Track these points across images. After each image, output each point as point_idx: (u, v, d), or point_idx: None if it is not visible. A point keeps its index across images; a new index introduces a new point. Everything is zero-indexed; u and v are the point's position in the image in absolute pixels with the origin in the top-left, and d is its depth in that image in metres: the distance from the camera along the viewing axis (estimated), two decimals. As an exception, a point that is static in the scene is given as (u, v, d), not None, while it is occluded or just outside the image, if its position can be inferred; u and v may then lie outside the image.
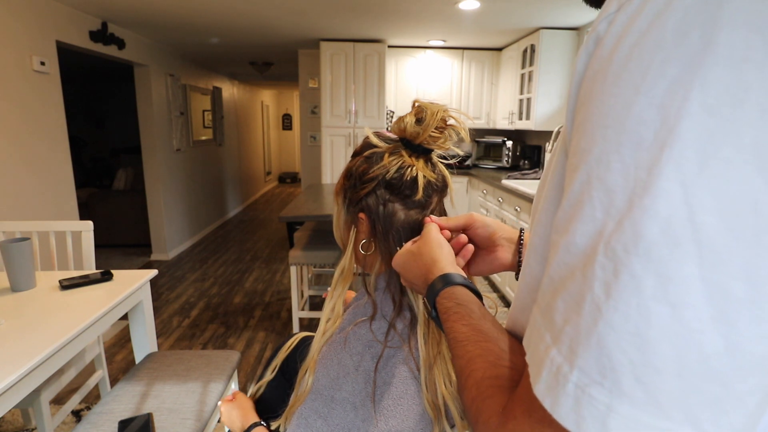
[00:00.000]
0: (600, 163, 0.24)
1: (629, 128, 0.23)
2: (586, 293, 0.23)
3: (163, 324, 2.81)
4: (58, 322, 1.14)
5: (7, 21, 2.29)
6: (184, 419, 1.22)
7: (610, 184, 0.23)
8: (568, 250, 0.25)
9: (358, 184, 0.67)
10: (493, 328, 0.40)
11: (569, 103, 0.29)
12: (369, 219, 0.67)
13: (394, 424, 0.60)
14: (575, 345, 0.23)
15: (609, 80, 0.24)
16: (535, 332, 0.27)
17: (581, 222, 0.24)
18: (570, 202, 0.26)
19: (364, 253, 0.69)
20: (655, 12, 0.23)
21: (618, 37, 0.24)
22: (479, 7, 2.79)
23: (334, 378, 0.62)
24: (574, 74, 0.28)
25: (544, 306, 0.27)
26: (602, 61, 0.25)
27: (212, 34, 3.62)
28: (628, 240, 0.21)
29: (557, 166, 0.31)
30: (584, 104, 0.26)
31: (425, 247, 0.58)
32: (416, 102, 0.64)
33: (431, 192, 0.68)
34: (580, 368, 0.22)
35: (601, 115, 0.24)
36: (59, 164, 2.71)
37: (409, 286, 0.60)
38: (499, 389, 0.32)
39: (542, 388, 0.24)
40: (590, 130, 0.25)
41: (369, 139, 0.69)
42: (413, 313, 0.65)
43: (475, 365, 0.36)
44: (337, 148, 4.03)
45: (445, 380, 0.61)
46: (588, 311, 0.22)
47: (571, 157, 0.27)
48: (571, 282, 0.24)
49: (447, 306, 0.47)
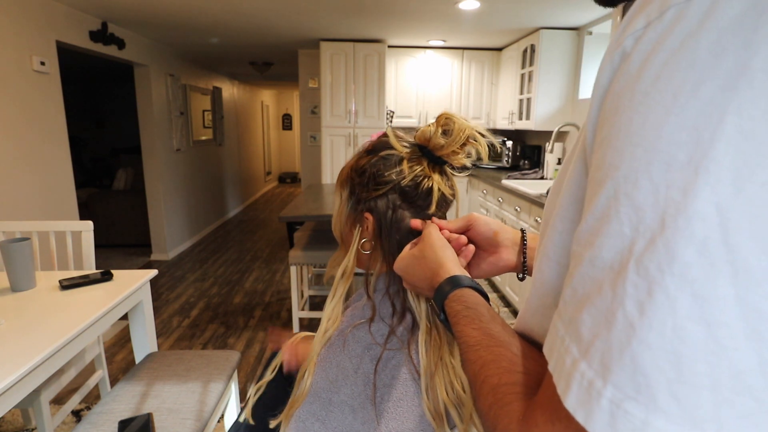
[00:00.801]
0: (628, 180, 0.24)
1: (660, 148, 0.23)
2: (616, 309, 0.23)
3: (163, 324, 2.81)
4: (58, 322, 1.14)
5: (7, 21, 2.30)
6: (184, 419, 1.22)
7: (638, 202, 0.23)
8: (593, 263, 0.26)
9: (371, 184, 0.66)
10: (503, 332, 0.41)
11: (591, 115, 0.29)
12: (375, 220, 0.66)
13: (394, 426, 0.60)
14: (607, 361, 0.23)
15: (637, 98, 0.24)
16: (558, 342, 0.27)
17: (607, 236, 0.25)
18: (595, 215, 0.26)
19: (364, 252, 0.68)
20: (688, 32, 0.23)
21: (646, 54, 0.25)
22: (479, 7, 2.79)
23: (333, 381, 0.62)
24: (597, 87, 0.28)
25: (567, 317, 0.27)
26: (629, 77, 0.25)
27: (212, 34, 3.62)
28: (662, 260, 0.22)
29: (574, 175, 0.32)
30: (609, 119, 0.26)
31: (428, 249, 0.57)
32: (444, 113, 0.63)
33: (443, 206, 0.67)
34: (614, 384, 0.23)
35: (629, 133, 0.24)
36: (59, 164, 2.71)
37: (413, 289, 0.60)
38: (517, 396, 0.33)
39: (573, 401, 0.25)
40: (617, 146, 0.25)
41: (387, 139, 0.68)
42: (414, 318, 0.65)
43: (489, 371, 0.37)
44: (337, 148, 4.03)
45: (446, 387, 0.60)
46: (620, 328, 0.23)
47: (595, 170, 0.27)
48: (598, 296, 0.25)
49: (456, 309, 0.47)
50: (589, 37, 3.21)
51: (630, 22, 0.27)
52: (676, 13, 0.23)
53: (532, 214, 2.57)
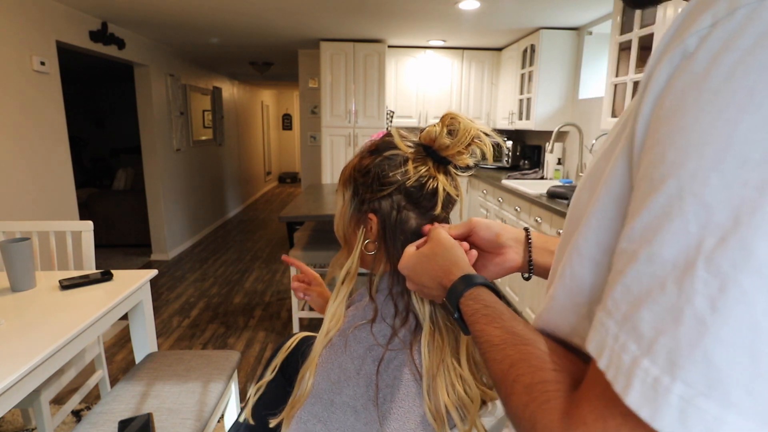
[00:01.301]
0: (695, 179, 0.24)
1: (733, 146, 0.23)
2: (684, 306, 0.23)
3: (163, 324, 2.81)
4: (58, 322, 1.14)
5: (7, 21, 2.29)
6: (184, 419, 1.22)
7: (708, 200, 0.23)
8: (651, 260, 0.26)
9: (375, 185, 0.65)
10: (527, 330, 0.40)
11: (642, 112, 0.29)
12: (379, 221, 0.66)
13: (396, 427, 0.60)
14: (675, 357, 0.23)
15: (705, 97, 0.24)
16: (611, 340, 0.27)
17: (670, 234, 0.25)
18: (653, 213, 0.26)
19: (368, 253, 0.68)
20: (762, 31, 0.23)
21: (715, 53, 0.25)
22: (479, 7, 2.79)
23: (335, 382, 0.62)
24: (649, 85, 0.28)
25: (620, 315, 0.27)
26: (695, 76, 0.25)
27: (212, 34, 3.62)
28: (737, 257, 0.22)
29: (616, 173, 0.32)
30: (671, 117, 0.26)
31: (439, 248, 0.57)
32: (449, 113, 0.63)
33: (447, 206, 0.67)
34: (685, 380, 0.23)
35: (697, 131, 0.24)
36: (59, 164, 2.71)
37: (418, 289, 0.59)
38: (556, 393, 0.32)
39: (637, 398, 0.25)
40: (681, 145, 0.25)
41: (391, 138, 0.67)
42: (417, 319, 0.64)
43: (520, 369, 0.36)
44: (337, 148, 4.03)
45: (448, 388, 0.60)
46: (690, 325, 0.23)
47: (651, 167, 0.27)
48: (661, 294, 0.25)
49: (475, 308, 0.47)
50: (589, 37, 3.20)
51: (691, 21, 0.27)
52: (747, 13, 0.24)
53: (532, 214, 2.57)
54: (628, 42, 2.21)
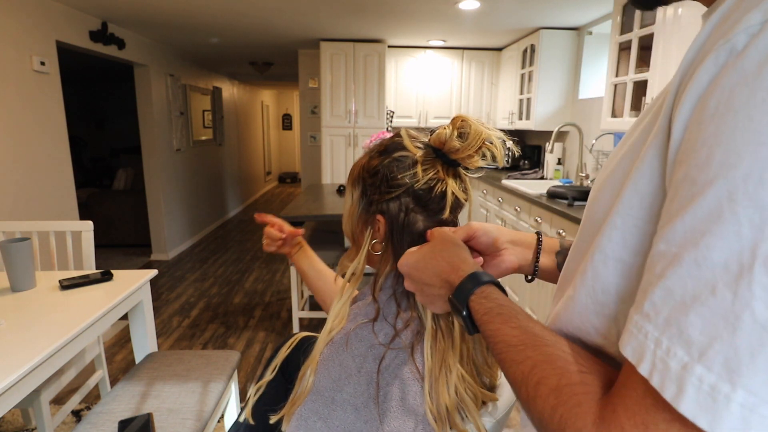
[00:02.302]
0: (749, 180, 0.23)
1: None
2: (741, 312, 0.23)
3: (163, 324, 2.81)
4: (58, 322, 1.14)
5: (7, 21, 2.29)
6: (184, 419, 1.22)
7: (764, 202, 0.23)
8: (698, 264, 0.25)
9: (384, 186, 0.65)
10: (546, 332, 0.39)
11: (682, 111, 0.28)
12: (387, 222, 0.66)
13: (396, 426, 0.60)
14: (734, 364, 0.23)
15: (760, 95, 0.24)
16: (652, 345, 0.26)
17: (720, 237, 0.24)
18: (698, 215, 0.25)
19: (375, 253, 0.68)
20: None
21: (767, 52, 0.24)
22: (479, 7, 2.79)
23: (336, 379, 0.62)
24: (691, 83, 0.27)
25: (662, 319, 0.26)
26: (747, 74, 0.24)
27: (212, 34, 3.62)
28: None
29: (645, 173, 0.31)
30: (719, 116, 0.25)
31: (443, 244, 0.56)
32: (460, 116, 0.62)
33: (455, 209, 0.67)
34: (747, 388, 0.22)
35: (750, 131, 0.24)
36: (59, 164, 2.71)
37: (417, 288, 0.57)
38: (585, 396, 0.32)
39: (692, 406, 0.24)
40: (732, 145, 0.24)
41: (400, 139, 0.67)
42: (420, 319, 0.64)
43: (544, 372, 0.35)
44: (337, 148, 4.03)
45: (449, 389, 0.60)
46: (750, 331, 0.22)
47: (695, 168, 0.26)
48: (712, 298, 0.24)
49: (488, 306, 0.45)
50: (589, 37, 3.20)
51: (737, 18, 0.26)
52: None
53: (532, 214, 2.57)
54: (628, 42, 2.21)
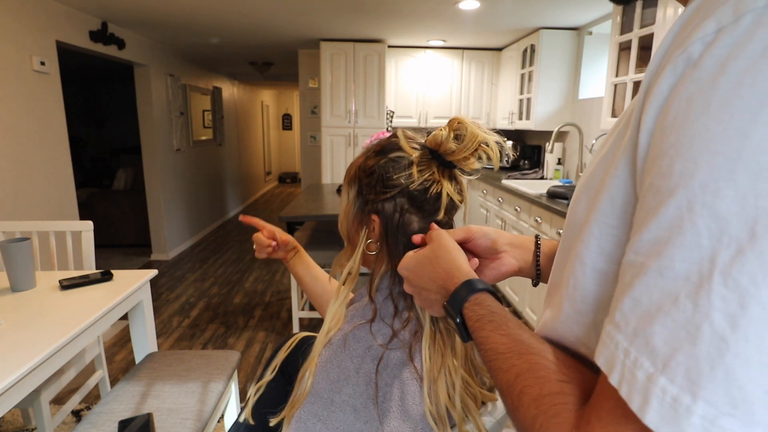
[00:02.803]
0: (706, 190, 0.23)
1: (745, 157, 0.22)
2: (701, 323, 0.23)
3: (163, 324, 2.81)
4: (58, 322, 1.14)
5: (7, 21, 2.29)
6: (184, 419, 1.22)
7: (720, 212, 0.23)
8: (661, 274, 0.25)
9: (379, 186, 0.65)
10: (533, 339, 0.39)
11: (646, 121, 0.28)
12: (382, 222, 0.66)
13: (395, 426, 0.60)
14: (695, 376, 0.23)
15: (714, 105, 0.24)
16: (621, 355, 0.27)
17: (681, 247, 0.24)
18: (662, 225, 0.25)
19: (370, 253, 0.68)
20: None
21: (722, 60, 0.24)
22: (479, 7, 2.79)
23: (334, 381, 0.62)
24: (651, 93, 0.27)
25: (631, 330, 0.26)
26: (703, 84, 0.25)
27: (212, 34, 3.62)
28: (756, 271, 0.21)
29: (617, 182, 0.31)
30: (678, 127, 0.25)
31: (441, 250, 0.56)
32: (457, 119, 0.62)
33: (450, 211, 0.67)
34: (707, 400, 0.22)
35: (706, 140, 0.24)
36: (59, 164, 2.71)
37: (415, 292, 0.58)
38: (564, 407, 0.32)
39: (655, 418, 0.24)
40: (690, 155, 0.24)
41: (396, 140, 0.67)
42: (419, 320, 0.64)
43: (527, 380, 0.36)
44: (337, 148, 4.03)
45: (449, 390, 0.60)
46: (709, 342, 0.22)
47: (659, 178, 0.26)
48: (674, 309, 0.24)
49: (480, 314, 0.45)
50: (589, 37, 3.20)
51: (694, 26, 0.26)
52: (755, 19, 0.23)
53: (532, 214, 2.57)
54: (628, 42, 2.21)
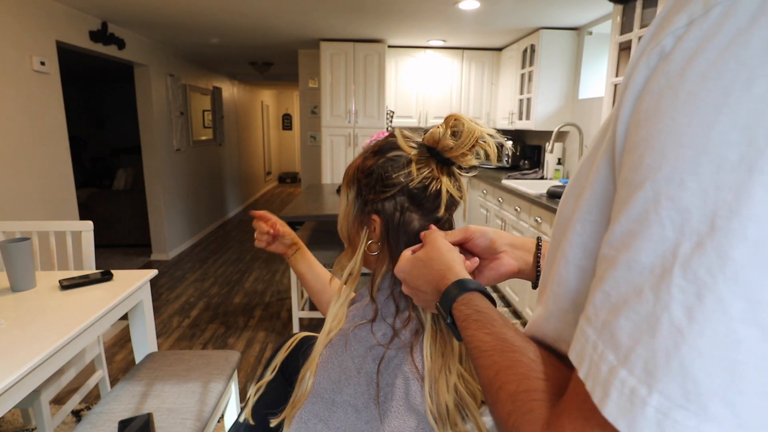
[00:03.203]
0: (671, 182, 0.23)
1: (709, 149, 0.22)
2: (661, 314, 0.23)
3: (163, 324, 2.81)
4: (58, 322, 1.14)
5: (7, 21, 2.29)
6: (184, 419, 1.22)
7: (684, 204, 0.23)
8: (629, 267, 0.25)
9: (379, 186, 0.65)
10: (517, 337, 0.40)
11: (622, 115, 0.28)
12: (382, 222, 0.66)
13: (397, 425, 0.60)
14: (652, 368, 0.23)
15: (681, 98, 0.24)
16: (590, 349, 0.27)
17: (647, 240, 0.24)
18: (631, 218, 0.25)
19: (371, 253, 0.68)
20: (738, 29, 0.22)
21: (691, 53, 0.24)
22: (479, 7, 2.79)
23: (336, 381, 0.62)
24: (629, 87, 0.28)
25: (599, 323, 0.26)
26: (672, 77, 0.25)
27: (212, 34, 3.62)
28: (713, 263, 0.21)
29: (599, 177, 0.31)
30: (649, 119, 0.25)
31: (435, 252, 0.56)
32: (453, 115, 0.63)
33: (450, 208, 0.67)
34: (662, 392, 0.22)
35: (673, 133, 0.24)
36: (59, 164, 2.71)
37: (413, 293, 0.59)
38: (538, 403, 0.32)
39: (614, 410, 0.24)
40: (658, 148, 0.24)
41: (394, 139, 0.67)
42: (419, 319, 0.64)
43: (506, 377, 0.36)
44: (337, 148, 4.03)
45: (449, 389, 0.60)
46: (666, 334, 0.22)
47: (630, 171, 0.26)
48: (638, 301, 0.24)
49: (466, 313, 0.46)
50: (589, 37, 3.20)
51: (668, 20, 0.26)
52: (723, 10, 0.23)
53: (532, 214, 2.57)
54: (628, 42, 2.21)
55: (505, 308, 2.96)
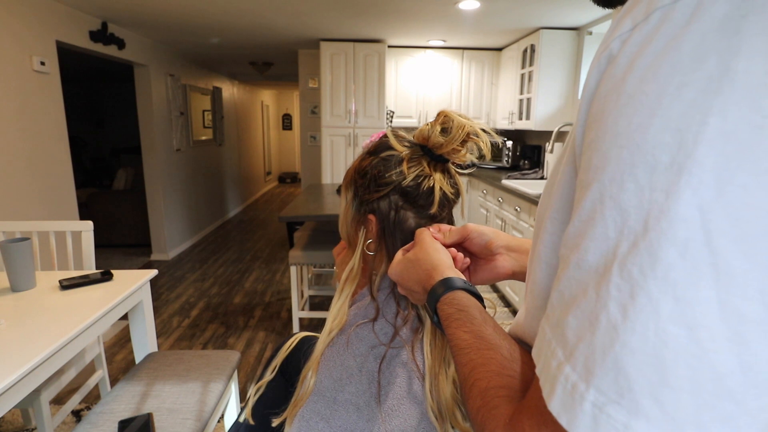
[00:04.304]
0: (613, 183, 0.24)
1: (644, 150, 0.23)
2: (600, 312, 0.23)
3: (163, 324, 2.81)
4: (58, 322, 1.14)
5: (7, 21, 2.30)
6: (184, 419, 1.22)
7: (623, 204, 0.23)
8: (578, 266, 0.25)
9: (372, 186, 0.66)
10: (495, 335, 0.40)
11: (579, 118, 0.29)
12: (378, 221, 0.66)
13: (398, 424, 0.60)
14: (591, 364, 0.23)
15: (623, 101, 0.24)
16: (545, 346, 0.27)
17: (593, 240, 0.25)
18: (581, 218, 0.26)
19: (369, 253, 0.69)
20: (672, 35, 0.23)
21: (632, 57, 0.25)
22: (479, 7, 2.79)
23: (337, 380, 0.62)
24: (585, 90, 0.28)
25: (554, 320, 0.27)
26: (616, 80, 0.25)
27: (212, 34, 3.62)
28: (645, 263, 0.22)
29: (564, 177, 0.32)
30: (597, 122, 0.26)
31: (422, 252, 0.57)
32: (443, 112, 0.63)
33: (445, 204, 0.67)
34: (597, 387, 0.23)
35: (615, 135, 0.24)
36: (59, 164, 2.71)
37: (407, 293, 0.59)
38: (505, 399, 0.33)
39: (557, 404, 0.25)
40: (603, 149, 0.25)
41: (387, 139, 0.68)
42: (419, 317, 0.65)
43: (479, 374, 0.36)
44: (337, 148, 4.03)
45: (450, 387, 0.61)
46: (603, 331, 0.23)
47: (582, 172, 0.27)
48: (583, 299, 0.25)
49: (448, 312, 0.46)
50: (589, 37, 3.21)
51: (617, 25, 0.27)
52: (661, 16, 0.23)
53: (532, 215, 2.57)
54: (628, 42, 2.20)
55: (505, 308, 2.96)
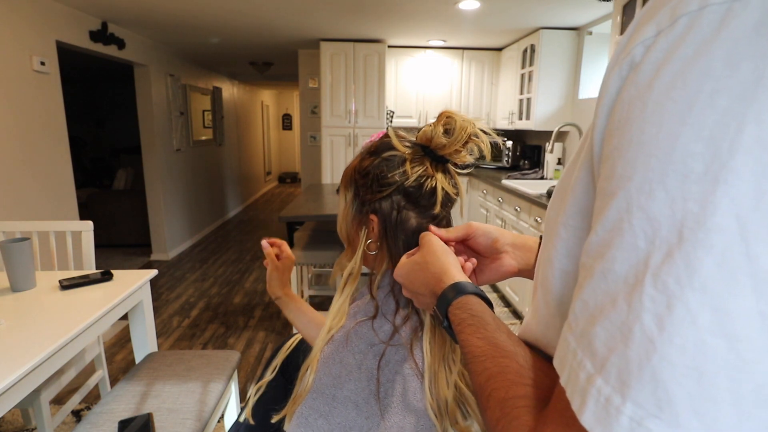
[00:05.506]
0: (641, 192, 0.24)
1: (675, 159, 0.22)
2: (633, 324, 0.23)
3: (163, 324, 2.81)
4: (58, 322, 1.14)
5: (7, 21, 2.30)
6: (184, 419, 1.22)
7: (654, 214, 0.23)
8: (605, 276, 0.25)
9: (375, 186, 0.66)
10: (509, 342, 0.40)
11: (597, 124, 0.29)
12: (380, 221, 0.66)
13: (397, 421, 0.60)
14: (626, 377, 0.23)
15: (650, 108, 0.24)
16: (570, 356, 0.27)
17: (620, 249, 0.24)
18: (606, 227, 0.26)
19: (370, 252, 0.69)
20: (702, 40, 0.22)
21: (659, 63, 0.24)
22: (479, 7, 2.79)
23: (336, 377, 0.62)
24: (603, 97, 0.28)
25: (579, 331, 0.27)
26: (641, 87, 0.25)
27: (212, 34, 3.62)
28: (682, 274, 0.22)
29: (580, 184, 0.31)
30: (620, 129, 0.26)
31: (430, 255, 0.57)
32: (445, 112, 0.63)
33: (446, 204, 0.67)
34: (634, 401, 0.23)
35: (642, 143, 0.24)
36: (59, 164, 2.71)
37: (413, 296, 0.59)
38: (524, 410, 0.32)
39: (590, 418, 0.24)
40: (629, 157, 0.25)
41: (389, 140, 0.68)
42: (419, 316, 0.65)
43: (496, 383, 0.36)
44: (337, 148, 4.03)
45: (449, 385, 0.61)
46: (639, 343, 0.23)
47: (605, 180, 0.26)
48: (613, 310, 0.24)
49: (461, 317, 0.46)
50: (589, 37, 3.21)
51: (638, 30, 0.26)
52: (688, 22, 0.23)
53: (532, 215, 2.57)
54: (628, 42, 2.20)
55: (505, 308, 2.96)
